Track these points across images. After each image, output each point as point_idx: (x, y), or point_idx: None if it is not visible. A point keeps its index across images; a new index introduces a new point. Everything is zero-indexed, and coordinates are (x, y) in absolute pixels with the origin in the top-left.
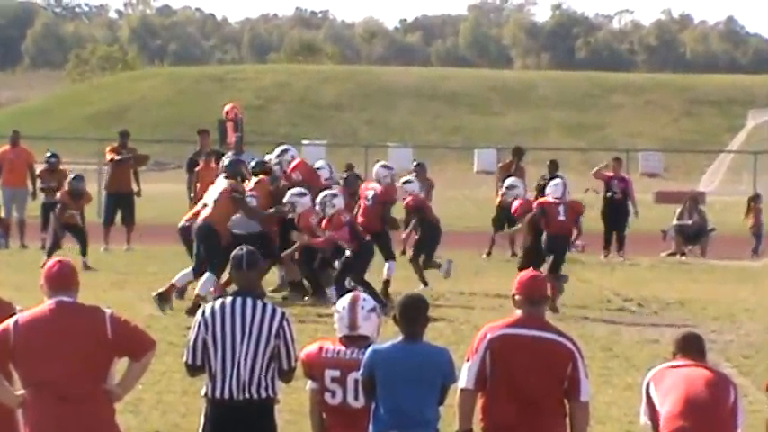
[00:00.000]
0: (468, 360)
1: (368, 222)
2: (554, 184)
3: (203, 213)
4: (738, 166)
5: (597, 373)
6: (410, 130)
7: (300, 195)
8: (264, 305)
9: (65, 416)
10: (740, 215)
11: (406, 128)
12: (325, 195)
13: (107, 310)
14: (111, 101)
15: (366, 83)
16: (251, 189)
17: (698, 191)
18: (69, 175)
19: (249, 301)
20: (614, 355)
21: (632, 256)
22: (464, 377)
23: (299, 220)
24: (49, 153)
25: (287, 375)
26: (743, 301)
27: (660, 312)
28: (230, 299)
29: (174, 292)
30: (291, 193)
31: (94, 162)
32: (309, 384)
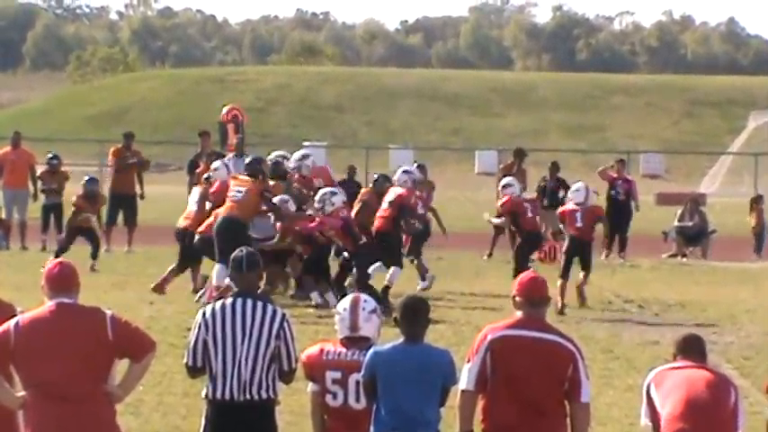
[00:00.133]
0: (469, 361)
1: (381, 224)
2: (575, 189)
3: (223, 210)
4: (739, 168)
5: (598, 375)
6: (411, 131)
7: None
8: (265, 306)
9: (65, 417)
10: (741, 217)
11: (406, 129)
12: (324, 193)
13: (108, 312)
14: (112, 102)
15: (367, 84)
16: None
17: (699, 192)
18: (85, 178)
19: (249, 303)
20: (615, 357)
21: (633, 257)
22: (464, 378)
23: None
24: (50, 154)
25: (287, 376)
26: (743, 302)
27: (661, 314)
28: (231, 300)
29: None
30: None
31: (95, 163)
32: (310, 386)
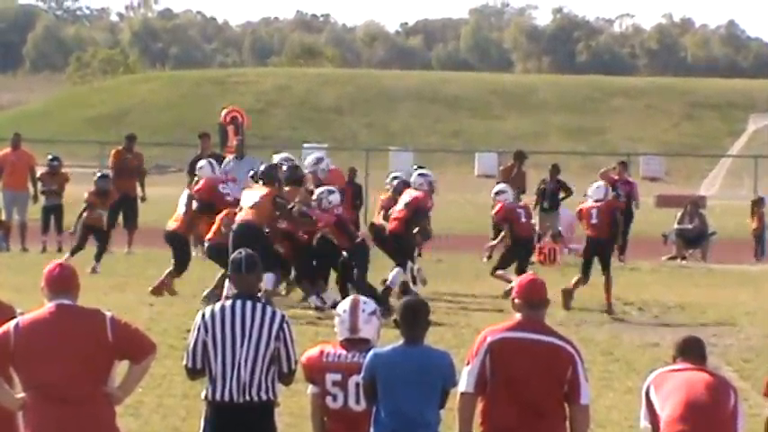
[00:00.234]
0: (468, 364)
1: (395, 226)
2: (595, 187)
3: (239, 216)
4: (739, 170)
5: (598, 377)
6: (411, 133)
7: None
8: (264, 308)
9: (65, 418)
10: (740, 219)
11: (406, 131)
12: (321, 192)
13: (107, 313)
14: (112, 104)
15: (367, 86)
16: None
17: (699, 195)
18: (97, 174)
19: (249, 304)
20: (615, 359)
21: (633, 259)
22: (464, 381)
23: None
24: (50, 156)
25: (287, 378)
26: (743, 305)
27: (660, 316)
28: (230, 302)
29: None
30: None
31: (95, 165)
32: (310, 388)
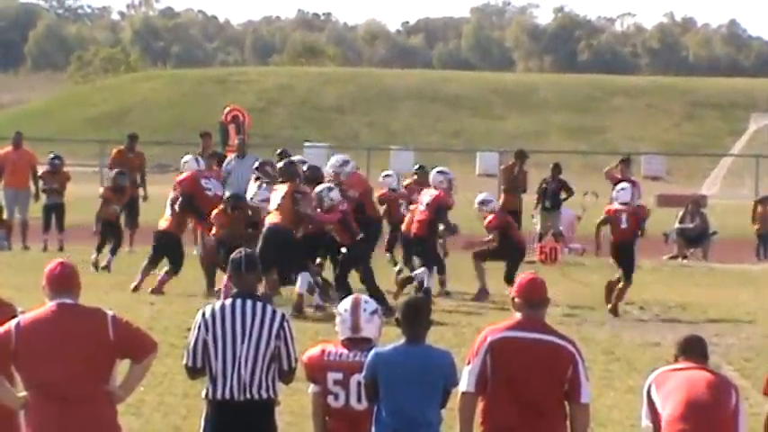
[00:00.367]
0: (469, 363)
1: (417, 227)
2: (621, 188)
3: (269, 219)
4: (740, 170)
5: (598, 376)
6: (412, 132)
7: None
8: (264, 306)
9: (67, 417)
10: (742, 218)
11: (407, 130)
12: (321, 189)
13: (109, 312)
14: (114, 103)
15: (368, 85)
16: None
17: (700, 194)
18: (113, 171)
19: (249, 303)
20: (616, 359)
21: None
22: (465, 381)
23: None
24: (52, 155)
25: (287, 376)
26: (744, 304)
27: (662, 315)
28: (230, 300)
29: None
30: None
31: (96, 164)
32: (312, 387)
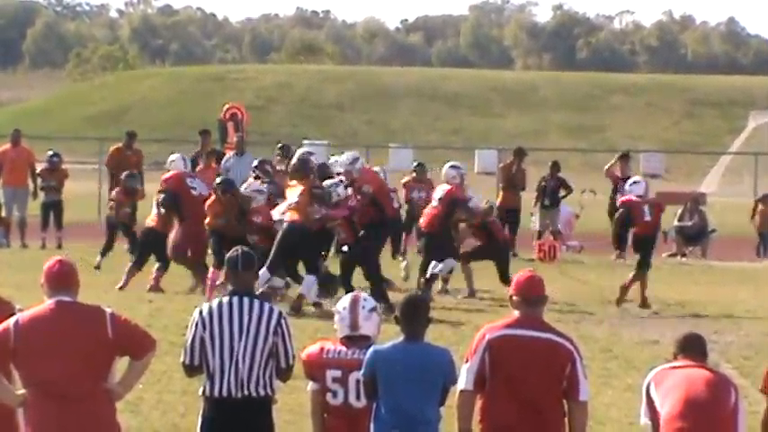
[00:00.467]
0: (467, 361)
1: (428, 223)
2: (634, 182)
3: (287, 216)
4: (739, 167)
5: (597, 374)
6: (411, 130)
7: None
8: (261, 304)
9: (66, 415)
10: (740, 216)
11: (406, 128)
12: (330, 185)
13: (107, 310)
14: (112, 100)
15: (367, 83)
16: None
17: (699, 192)
18: (124, 173)
19: (246, 300)
20: (614, 356)
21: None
22: (463, 378)
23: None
24: (50, 152)
25: (285, 374)
26: (743, 302)
27: (660, 313)
28: (227, 298)
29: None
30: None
31: (95, 161)
32: (311, 385)
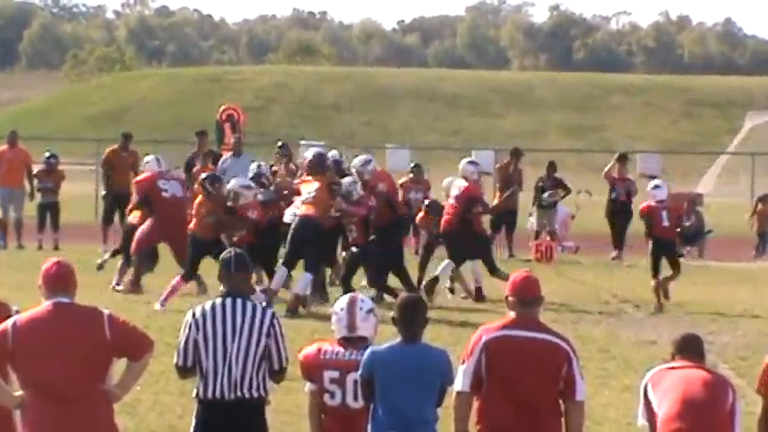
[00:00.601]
0: (464, 363)
1: (447, 222)
2: (656, 185)
3: (300, 210)
4: (736, 168)
5: (594, 375)
6: (408, 131)
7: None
8: (254, 306)
9: (64, 417)
10: (737, 217)
11: (404, 129)
12: (349, 182)
13: (105, 311)
14: (110, 101)
15: (364, 84)
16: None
17: (696, 192)
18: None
19: (239, 302)
20: (611, 357)
21: (630, 257)
22: (460, 380)
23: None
24: (48, 153)
25: (278, 375)
26: (740, 302)
27: (657, 314)
28: (220, 300)
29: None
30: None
31: (92, 163)
32: (308, 386)
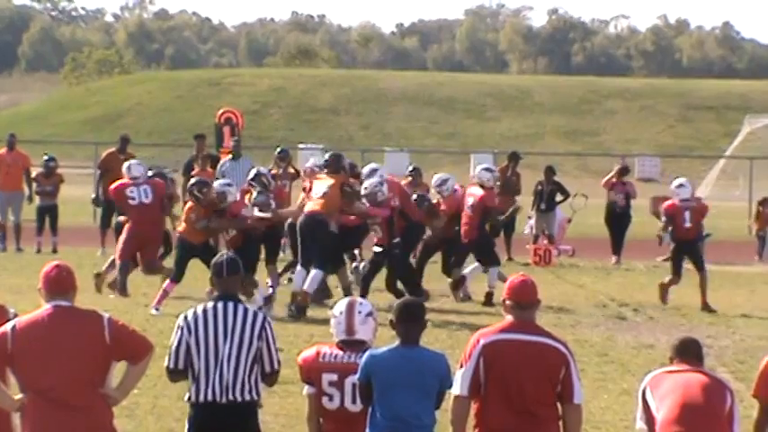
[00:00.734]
0: (462, 367)
1: (467, 233)
2: (680, 185)
3: (307, 207)
4: (734, 171)
5: (592, 379)
6: (406, 134)
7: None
8: (246, 309)
9: (63, 420)
10: (735, 220)
11: (402, 133)
12: (375, 183)
13: (105, 315)
14: (108, 105)
15: (362, 87)
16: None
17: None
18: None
19: (231, 305)
20: (610, 361)
21: (628, 261)
22: (458, 384)
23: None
24: (46, 157)
25: (270, 378)
26: (738, 306)
27: (655, 317)
28: (212, 303)
29: (309, 298)
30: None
31: (90, 166)
32: (306, 389)
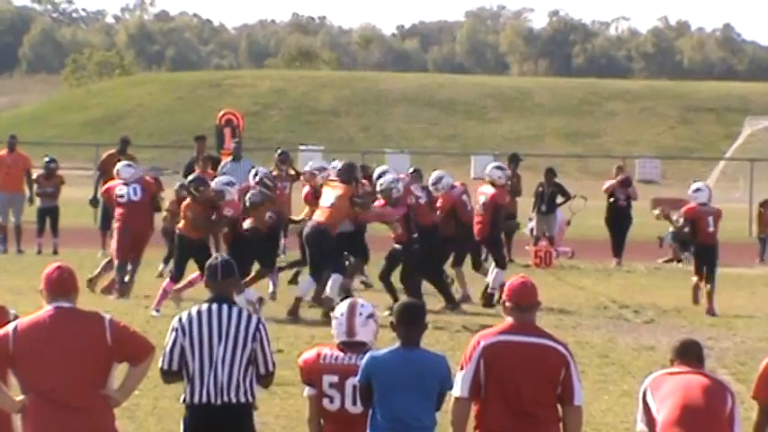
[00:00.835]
0: (462, 369)
1: (480, 232)
2: (698, 188)
3: (316, 216)
4: (734, 173)
5: (593, 380)
6: (407, 136)
7: (230, 184)
8: (240, 311)
9: (65, 422)
10: (736, 222)
11: (402, 134)
12: (390, 181)
13: (106, 316)
14: (109, 106)
15: (363, 89)
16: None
17: None
18: (177, 183)
19: (225, 307)
20: (610, 362)
21: (629, 262)
22: (458, 386)
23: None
24: (47, 158)
25: (265, 380)
26: (739, 308)
27: (656, 319)
28: (206, 305)
29: (301, 304)
30: (220, 181)
31: (91, 167)
32: (307, 390)
